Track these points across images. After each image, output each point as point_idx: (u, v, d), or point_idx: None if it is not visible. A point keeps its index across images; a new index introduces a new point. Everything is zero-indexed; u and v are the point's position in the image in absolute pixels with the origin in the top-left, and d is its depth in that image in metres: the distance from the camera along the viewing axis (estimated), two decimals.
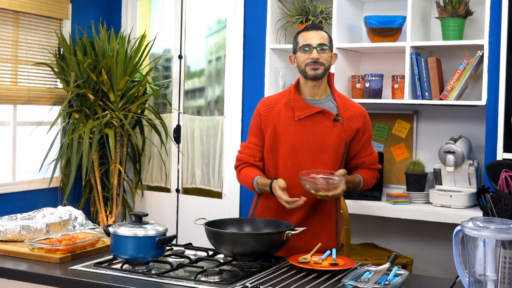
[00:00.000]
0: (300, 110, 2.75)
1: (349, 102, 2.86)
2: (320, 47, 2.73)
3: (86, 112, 4.71)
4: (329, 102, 2.80)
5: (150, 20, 5.34)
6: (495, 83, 3.68)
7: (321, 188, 2.57)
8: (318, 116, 2.75)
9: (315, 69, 2.73)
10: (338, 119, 2.76)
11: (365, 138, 2.84)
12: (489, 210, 3.24)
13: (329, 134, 2.74)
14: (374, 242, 4.35)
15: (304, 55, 2.73)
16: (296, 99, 2.77)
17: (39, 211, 2.85)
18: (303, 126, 2.74)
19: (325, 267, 2.25)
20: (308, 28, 2.79)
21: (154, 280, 2.13)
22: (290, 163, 2.74)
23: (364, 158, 2.86)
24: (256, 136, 2.84)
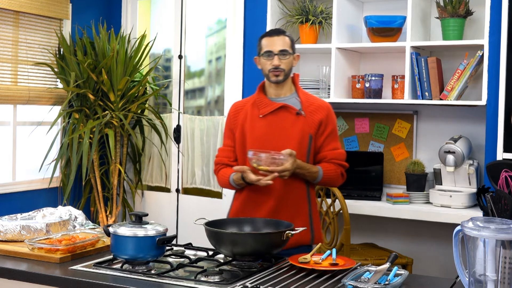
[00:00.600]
0: (264, 107, 2.90)
1: (314, 98, 2.98)
2: (281, 53, 2.85)
3: (86, 112, 4.71)
4: (293, 99, 2.92)
5: (150, 20, 5.34)
6: (495, 83, 3.68)
7: (263, 163, 2.69)
8: (281, 111, 2.88)
9: (277, 75, 2.86)
10: (301, 113, 2.87)
11: (328, 131, 2.90)
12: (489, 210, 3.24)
13: (292, 128, 2.85)
14: (374, 242, 4.35)
15: (266, 61, 2.87)
16: (260, 98, 2.93)
17: (39, 211, 2.85)
18: (268, 122, 2.88)
19: (325, 267, 2.25)
20: (270, 33, 2.90)
21: (154, 280, 2.13)
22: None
23: (327, 152, 2.90)
24: (229, 138, 2.99)
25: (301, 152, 2.83)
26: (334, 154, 2.91)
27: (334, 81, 4.16)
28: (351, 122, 4.56)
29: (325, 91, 4.30)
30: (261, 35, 2.94)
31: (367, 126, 4.51)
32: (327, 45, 4.22)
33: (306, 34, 4.36)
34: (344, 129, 4.58)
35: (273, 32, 2.90)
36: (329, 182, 2.93)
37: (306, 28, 4.34)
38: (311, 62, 4.64)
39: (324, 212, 3.93)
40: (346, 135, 4.57)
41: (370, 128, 4.50)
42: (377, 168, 4.30)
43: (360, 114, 4.53)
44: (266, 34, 2.92)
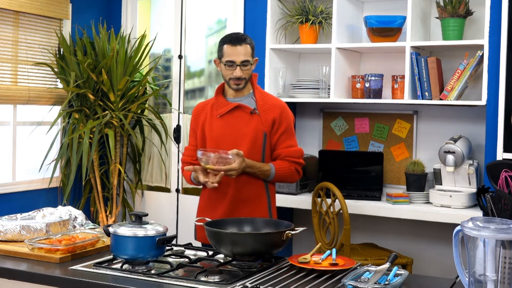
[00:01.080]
0: (221, 108, 3.01)
1: (270, 97, 3.08)
2: (243, 64, 2.93)
3: (86, 112, 4.71)
4: (249, 98, 3.02)
5: (150, 20, 5.34)
6: (495, 83, 3.68)
7: (211, 162, 2.80)
8: (236, 111, 2.99)
9: (238, 84, 2.97)
10: (255, 112, 2.97)
11: (282, 129, 3.00)
12: (489, 210, 3.24)
13: (246, 126, 2.96)
14: (374, 242, 4.35)
15: (228, 71, 2.95)
16: (218, 99, 3.04)
17: (39, 211, 2.85)
18: (224, 121, 3.00)
19: (325, 267, 2.25)
20: (233, 41, 2.93)
21: (154, 280, 2.13)
22: None
23: (281, 150, 3.01)
24: (193, 138, 3.11)
25: (256, 150, 2.95)
26: (288, 151, 3.01)
27: (334, 81, 4.16)
28: (351, 122, 4.56)
29: (325, 91, 4.30)
30: (223, 39, 2.98)
31: (367, 126, 4.51)
32: (327, 45, 4.22)
33: (306, 34, 4.36)
34: (344, 129, 4.58)
35: (236, 41, 2.93)
36: (284, 179, 3.05)
37: (306, 28, 4.34)
38: (311, 62, 4.65)
39: (324, 212, 3.93)
40: (346, 135, 4.58)
41: (370, 128, 4.50)
42: (377, 168, 4.30)
43: (360, 114, 4.53)
44: (228, 41, 2.95)
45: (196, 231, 3.10)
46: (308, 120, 4.73)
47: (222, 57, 2.96)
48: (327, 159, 4.41)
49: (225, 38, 2.99)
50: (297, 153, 3.04)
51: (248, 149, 2.93)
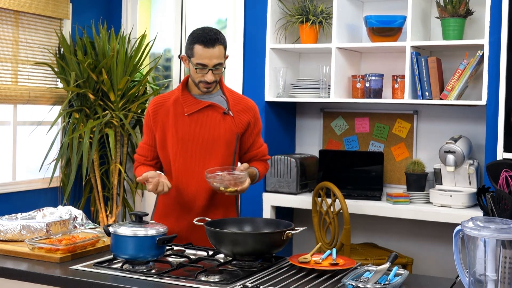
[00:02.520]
0: (189, 106, 2.78)
1: (240, 96, 2.92)
2: (216, 67, 2.71)
3: (86, 111, 4.71)
4: (218, 96, 2.83)
5: (150, 20, 5.34)
6: (495, 83, 3.68)
7: (228, 184, 2.63)
8: (207, 110, 2.79)
9: (208, 88, 2.76)
10: (229, 113, 2.80)
11: (256, 131, 2.91)
12: (489, 210, 3.24)
13: (219, 127, 2.78)
14: (374, 242, 4.35)
15: (198, 74, 2.72)
16: (184, 96, 2.80)
17: (39, 210, 2.85)
18: (193, 121, 2.78)
19: (325, 267, 2.25)
20: (206, 43, 2.67)
21: (154, 280, 2.12)
22: (182, 159, 2.78)
23: (257, 151, 2.92)
24: (147, 136, 2.87)
25: (229, 151, 2.80)
26: (262, 151, 2.95)
27: (334, 81, 4.16)
28: (351, 122, 4.56)
29: (325, 91, 4.30)
30: (195, 38, 2.70)
31: (367, 126, 4.51)
32: (327, 45, 4.22)
33: (306, 34, 4.36)
34: (344, 129, 4.58)
35: (209, 42, 2.67)
36: (260, 179, 2.96)
37: (306, 28, 4.34)
38: (311, 62, 4.65)
39: (324, 212, 3.93)
40: (346, 135, 4.58)
41: (370, 128, 4.50)
42: (377, 168, 4.30)
43: (360, 114, 4.53)
44: (201, 41, 2.67)
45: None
46: (308, 120, 4.73)
47: (192, 57, 2.71)
48: (327, 159, 4.41)
49: (197, 37, 2.70)
50: (266, 150, 2.98)
51: (223, 152, 2.78)
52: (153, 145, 2.86)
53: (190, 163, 2.77)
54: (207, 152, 2.77)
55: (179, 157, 2.78)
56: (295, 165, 4.28)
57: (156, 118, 2.82)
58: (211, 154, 2.77)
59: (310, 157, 4.50)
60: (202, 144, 2.77)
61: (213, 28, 2.75)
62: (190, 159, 2.77)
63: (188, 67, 2.77)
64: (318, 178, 4.40)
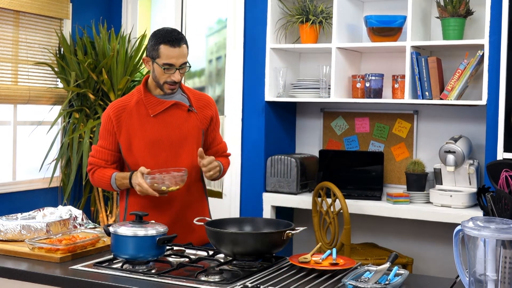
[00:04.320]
0: (154, 106, 2.76)
1: (199, 93, 2.95)
2: (182, 66, 2.72)
3: (86, 111, 4.71)
4: (179, 95, 2.84)
5: (150, 19, 5.34)
6: (495, 82, 3.68)
7: (169, 183, 2.63)
8: (172, 109, 2.78)
9: (173, 89, 2.75)
10: (192, 109, 2.82)
11: (217, 126, 2.94)
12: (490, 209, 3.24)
13: (186, 125, 2.79)
14: (374, 241, 4.35)
15: (164, 74, 2.70)
16: (147, 97, 2.77)
17: (40, 210, 2.85)
18: (160, 121, 2.76)
19: (325, 266, 2.25)
20: (172, 42, 2.66)
21: (154, 280, 2.12)
22: (152, 161, 2.74)
23: (218, 146, 2.95)
24: (107, 140, 2.79)
25: (198, 148, 2.78)
26: (223, 147, 2.97)
27: (334, 81, 4.16)
28: (351, 122, 4.56)
29: (325, 90, 4.30)
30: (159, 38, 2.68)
31: (368, 126, 4.51)
32: (328, 44, 4.22)
33: (306, 34, 4.36)
34: (344, 128, 4.58)
35: (175, 42, 2.66)
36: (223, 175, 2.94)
37: (306, 28, 4.34)
38: (311, 62, 4.65)
39: (324, 212, 3.93)
40: (346, 134, 4.58)
41: (371, 128, 4.50)
42: (378, 167, 4.30)
43: (360, 114, 4.53)
44: (166, 41, 2.66)
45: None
46: (308, 120, 4.73)
47: (157, 58, 2.68)
48: (328, 158, 4.41)
49: (162, 37, 2.68)
50: (226, 146, 3.00)
51: (192, 149, 2.78)
52: (112, 149, 2.79)
53: (161, 163, 2.74)
54: (177, 151, 2.77)
55: (148, 159, 2.74)
56: (295, 165, 4.28)
57: (119, 122, 2.76)
58: (181, 153, 2.77)
59: (310, 157, 4.50)
60: (172, 143, 2.76)
61: (174, 28, 2.77)
62: (161, 160, 2.75)
63: (150, 69, 2.75)
64: (318, 178, 4.40)
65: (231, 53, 4.71)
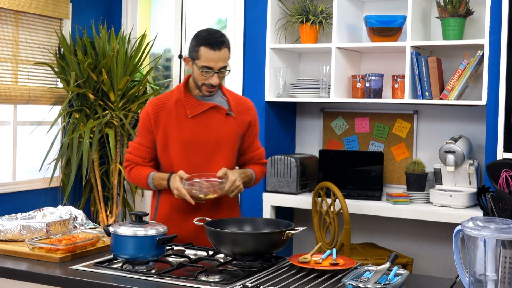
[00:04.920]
0: (193, 108, 2.73)
1: (239, 96, 2.89)
2: (221, 70, 2.68)
3: (86, 111, 4.71)
4: (219, 97, 2.79)
5: (150, 19, 5.34)
6: (495, 82, 3.68)
7: (207, 191, 2.61)
8: (211, 112, 2.74)
9: (211, 92, 2.72)
10: (231, 113, 2.77)
11: (255, 132, 2.86)
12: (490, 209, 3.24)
13: (223, 129, 2.74)
14: (374, 241, 4.35)
15: (203, 76, 2.67)
16: (187, 97, 2.75)
17: (39, 210, 2.85)
18: (197, 123, 2.73)
19: (325, 266, 2.25)
20: (213, 45, 2.64)
21: (154, 280, 2.12)
22: (185, 162, 2.72)
23: (254, 153, 2.87)
24: (144, 138, 2.78)
25: (233, 153, 2.77)
26: (260, 154, 2.90)
27: (334, 81, 4.16)
28: (351, 122, 4.56)
29: (325, 90, 4.30)
30: (201, 40, 2.67)
31: (367, 126, 4.51)
32: (327, 44, 4.22)
33: (306, 33, 4.36)
34: (344, 128, 4.58)
35: (215, 45, 2.64)
36: (256, 183, 2.90)
37: (306, 28, 4.34)
38: (311, 62, 4.65)
39: (324, 212, 3.93)
40: (346, 134, 4.58)
41: (370, 128, 4.50)
42: (377, 168, 4.30)
43: (360, 114, 4.53)
44: (207, 43, 2.64)
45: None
46: (308, 120, 4.73)
47: (196, 59, 2.67)
48: (327, 158, 4.41)
49: (203, 39, 2.67)
50: (264, 153, 2.92)
51: (228, 153, 2.75)
52: (150, 147, 2.78)
53: (194, 165, 2.71)
54: (212, 154, 2.73)
55: (182, 160, 2.73)
56: (295, 165, 4.28)
57: (157, 120, 2.75)
58: (215, 156, 2.73)
59: (310, 157, 4.50)
60: (206, 146, 2.72)
61: (218, 30, 2.72)
62: (194, 162, 2.72)
63: (191, 69, 2.72)
64: (318, 178, 4.40)
65: (231, 53, 4.69)
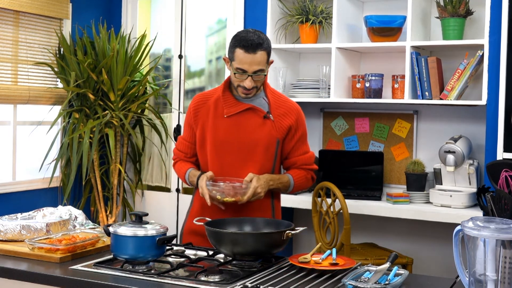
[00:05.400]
0: (230, 107, 2.70)
1: (283, 99, 2.78)
2: (256, 73, 2.61)
3: (86, 111, 4.71)
4: (260, 99, 2.73)
5: (150, 19, 5.34)
6: (495, 82, 3.68)
7: (227, 194, 2.60)
8: (247, 113, 2.69)
9: (247, 94, 2.67)
10: (269, 116, 2.70)
11: (298, 136, 2.76)
12: (489, 209, 3.24)
13: (258, 132, 2.68)
14: (374, 241, 4.35)
15: (238, 79, 2.64)
16: (225, 96, 2.72)
17: (39, 210, 2.85)
18: (232, 123, 2.69)
19: (325, 266, 2.25)
20: (247, 48, 2.58)
21: (154, 280, 2.12)
22: (218, 161, 2.71)
23: (297, 158, 2.78)
24: (187, 132, 2.81)
25: (268, 157, 2.70)
26: (304, 159, 2.79)
27: (334, 81, 4.16)
28: (351, 122, 4.56)
29: (325, 91, 4.30)
30: (237, 40, 2.61)
31: (367, 126, 4.51)
32: (327, 44, 4.22)
33: (306, 34, 4.36)
34: (344, 129, 4.58)
35: (251, 48, 2.57)
36: (300, 188, 2.83)
37: (306, 28, 4.34)
38: (311, 62, 4.65)
39: (324, 212, 3.93)
40: (346, 135, 4.58)
41: (370, 128, 4.50)
42: (377, 168, 4.30)
43: (360, 114, 4.53)
44: (242, 45, 2.59)
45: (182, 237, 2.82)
46: (308, 120, 4.71)
47: (232, 60, 2.62)
48: (327, 158, 4.41)
49: (239, 40, 2.60)
50: (311, 159, 2.81)
51: (261, 157, 2.69)
52: (192, 142, 2.80)
53: (226, 166, 2.70)
54: (245, 157, 2.69)
55: (215, 160, 2.71)
56: None
57: (197, 116, 2.75)
58: (248, 158, 2.69)
59: None
60: (240, 148, 2.68)
61: (258, 32, 2.64)
62: (227, 162, 2.70)
63: (230, 70, 2.68)
64: (318, 178, 4.40)
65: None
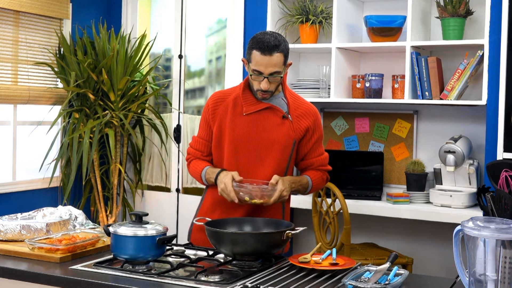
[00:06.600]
0: (248, 106, 2.70)
1: (301, 100, 2.79)
2: (272, 75, 2.61)
3: (86, 111, 4.71)
4: (279, 99, 2.74)
5: (150, 19, 5.34)
6: (495, 82, 3.68)
7: (255, 195, 2.59)
8: (266, 112, 2.70)
9: (264, 96, 2.68)
10: (287, 117, 2.70)
11: (315, 138, 2.78)
12: (489, 209, 3.24)
13: (276, 131, 2.69)
14: (374, 241, 4.35)
15: (255, 80, 2.64)
16: (245, 95, 2.72)
17: (39, 210, 2.85)
18: (250, 121, 2.69)
19: (325, 266, 2.25)
20: (263, 50, 2.57)
21: (154, 280, 2.12)
22: (234, 159, 2.70)
23: (314, 159, 2.80)
24: (204, 130, 2.79)
25: (284, 157, 2.71)
26: (320, 160, 2.82)
27: (334, 81, 4.16)
28: (351, 122, 4.56)
29: (325, 91, 4.30)
30: (254, 42, 2.61)
31: (367, 126, 4.51)
32: (327, 44, 4.22)
33: (306, 34, 4.36)
34: (344, 128, 4.58)
35: (267, 50, 2.57)
36: (316, 189, 2.86)
37: (306, 28, 4.34)
38: (311, 62, 4.64)
39: (324, 212, 3.93)
40: (346, 134, 4.58)
41: (370, 128, 4.50)
42: (377, 168, 4.30)
43: (360, 114, 4.53)
44: (258, 47, 2.58)
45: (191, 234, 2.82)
46: None
47: (249, 62, 2.63)
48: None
49: (256, 42, 2.60)
50: (326, 160, 2.84)
51: (277, 157, 2.69)
52: (209, 140, 2.78)
53: (242, 164, 2.69)
54: (261, 155, 2.69)
55: (232, 157, 2.71)
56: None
57: (215, 113, 2.74)
58: (265, 157, 2.70)
59: None
60: (257, 146, 2.69)
61: (275, 33, 2.65)
62: (243, 160, 2.70)
63: (248, 71, 2.68)
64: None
65: (231, 53, 4.71)
